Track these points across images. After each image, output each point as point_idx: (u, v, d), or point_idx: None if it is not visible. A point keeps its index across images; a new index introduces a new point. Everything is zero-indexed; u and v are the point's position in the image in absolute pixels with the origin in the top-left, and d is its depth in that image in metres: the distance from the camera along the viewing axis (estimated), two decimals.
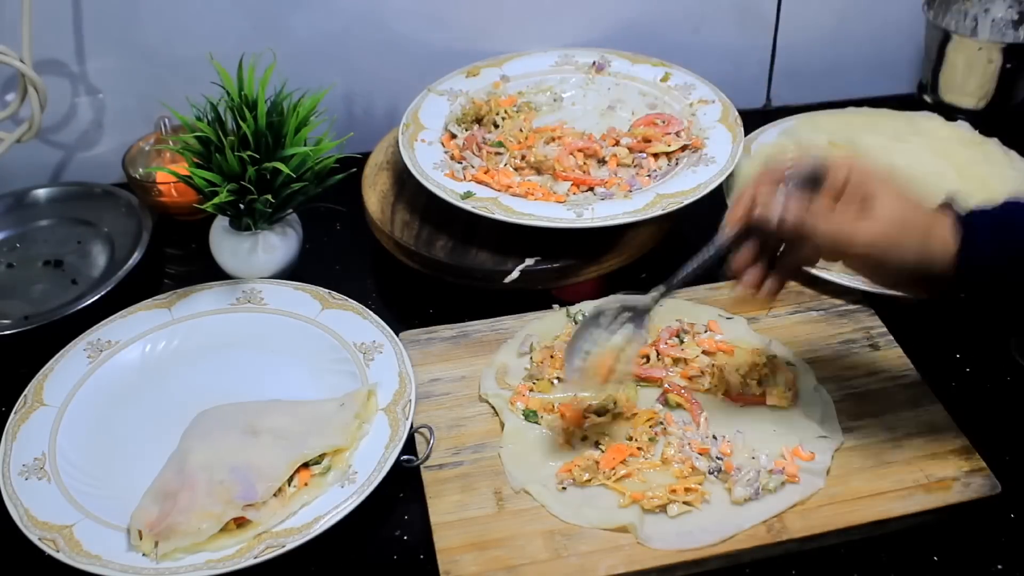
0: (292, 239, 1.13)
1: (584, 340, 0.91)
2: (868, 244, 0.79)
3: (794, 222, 0.81)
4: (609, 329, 0.91)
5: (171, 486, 0.87)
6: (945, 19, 1.41)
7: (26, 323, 1.08)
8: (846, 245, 0.80)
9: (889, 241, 0.79)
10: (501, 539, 0.85)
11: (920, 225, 0.80)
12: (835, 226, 0.80)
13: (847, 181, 0.82)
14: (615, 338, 0.90)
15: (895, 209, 0.80)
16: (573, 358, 0.90)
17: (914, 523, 0.87)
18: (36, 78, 1.17)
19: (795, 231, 0.81)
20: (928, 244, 0.80)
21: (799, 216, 0.81)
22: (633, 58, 1.32)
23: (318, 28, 1.29)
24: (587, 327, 0.91)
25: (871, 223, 0.80)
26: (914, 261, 0.80)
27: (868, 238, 0.79)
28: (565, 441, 0.92)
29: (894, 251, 0.80)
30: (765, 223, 0.82)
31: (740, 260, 0.85)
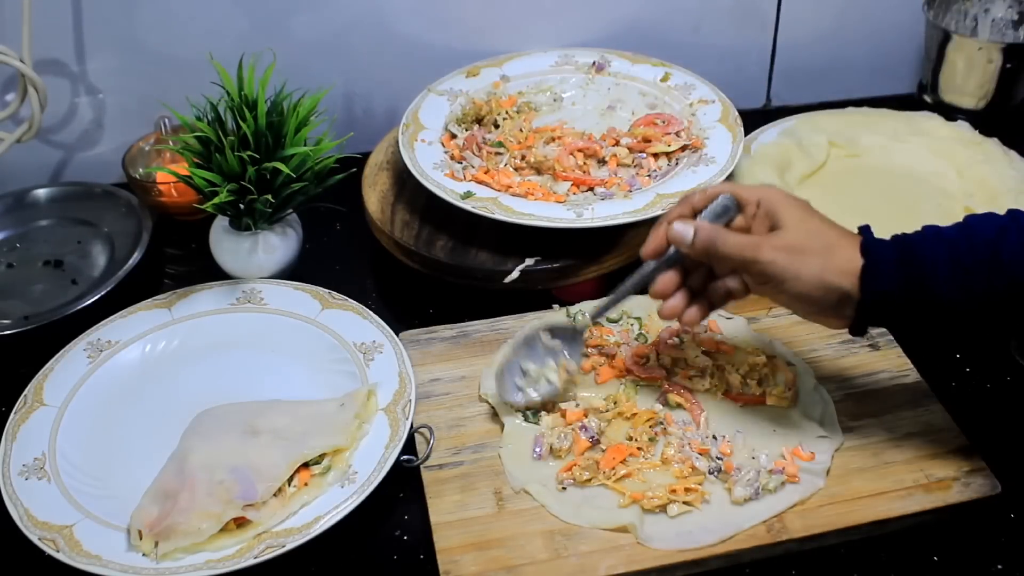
0: (292, 239, 1.13)
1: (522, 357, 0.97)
2: (770, 259, 0.82)
3: (703, 241, 0.85)
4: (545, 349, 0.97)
5: (171, 486, 0.87)
6: (945, 19, 1.41)
7: (26, 323, 1.08)
8: (751, 261, 0.83)
9: (790, 255, 0.82)
10: (501, 539, 0.85)
11: (822, 243, 0.83)
12: (741, 242, 0.84)
13: (758, 207, 0.86)
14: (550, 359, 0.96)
15: (799, 227, 0.84)
16: (514, 376, 0.96)
17: (914, 523, 0.87)
18: (36, 78, 1.17)
19: (705, 250, 0.85)
20: (829, 262, 0.82)
21: (709, 236, 0.85)
22: (633, 58, 1.32)
23: (318, 28, 1.29)
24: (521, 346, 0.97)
25: (774, 238, 0.83)
26: (813, 278, 0.82)
27: (770, 252, 0.82)
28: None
29: (795, 265, 0.82)
30: (678, 244, 0.86)
31: (659, 287, 0.88)
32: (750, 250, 0.83)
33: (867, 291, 0.81)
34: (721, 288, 0.88)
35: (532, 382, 0.96)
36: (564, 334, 0.97)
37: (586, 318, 0.95)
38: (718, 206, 0.87)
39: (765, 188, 0.87)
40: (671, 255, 0.88)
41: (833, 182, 1.27)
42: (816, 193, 1.25)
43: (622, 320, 1.05)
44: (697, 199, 0.88)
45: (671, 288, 0.88)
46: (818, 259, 0.82)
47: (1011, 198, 1.18)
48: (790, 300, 0.85)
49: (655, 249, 0.88)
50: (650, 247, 0.88)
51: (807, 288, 0.82)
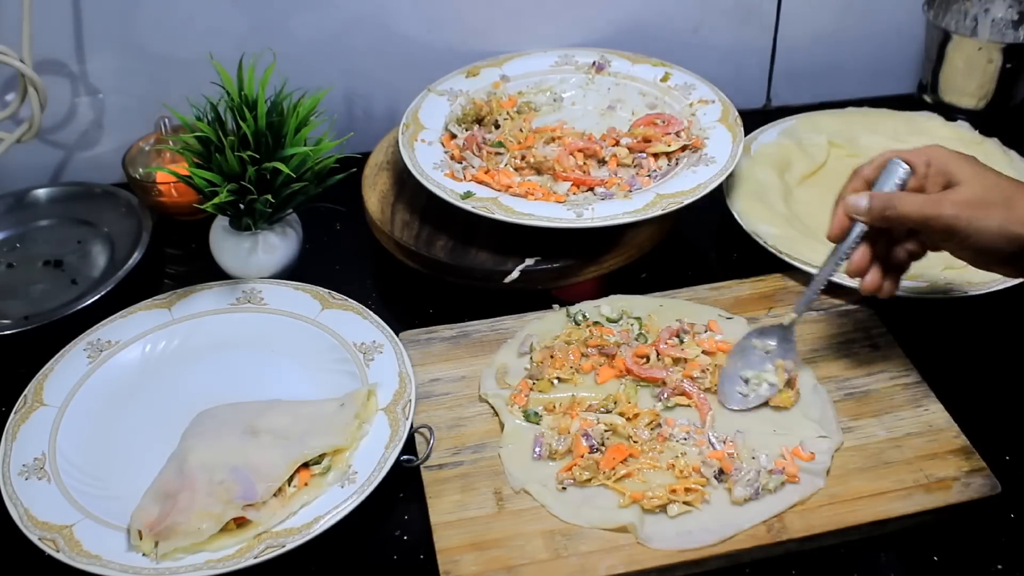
0: (292, 239, 1.13)
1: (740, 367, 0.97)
2: (953, 214, 0.84)
3: (880, 206, 0.87)
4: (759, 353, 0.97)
5: (171, 486, 0.87)
6: (945, 19, 1.41)
7: (26, 323, 1.08)
8: (934, 217, 0.84)
9: (973, 208, 0.84)
10: (501, 539, 0.85)
11: (1002, 193, 0.85)
12: (920, 201, 0.86)
13: (928, 167, 0.88)
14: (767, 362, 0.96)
15: (976, 180, 0.85)
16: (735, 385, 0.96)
17: (914, 523, 0.87)
18: (36, 78, 1.17)
19: (883, 215, 0.87)
20: (1012, 211, 0.83)
21: (885, 200, 0.87)
22: (633, 58, 1.32)
23: (318, 28, 1.29)
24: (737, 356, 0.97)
25: (954, 193, 0.85)
26: (997, 229, 0.83)
27: (952, 207, 0.84)
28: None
29: (979, 218, 0.83)
30: (855, 215, 0.88)
31: (855, 264, 0.90)
32: (931, 207, 0.85)
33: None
34: (901, 252, 0.90)
35: (754, 387, 0.96)
36: (774, 334, 0.97)
37: (791, 315, 0.96)
38: (889, 172, 0.89)
39: (932, 148, 0.89)
40: (857, 233, 0.89)
41: (833, 182, 1.25)
42: (816, 193, 1.25)
43: (622, 320, 1.05)
44: (867, 170, 0.91)
45: (866, 264, 0.90)
46: (1000, 211, 0.84)
47: None
48: (973, 254, 0.86)
49: (839, 228, 0.90)
50: (834, 229, 0.91)
51: (992, 240, 0.84)
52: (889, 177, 0.89)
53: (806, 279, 1.08)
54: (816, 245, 1.09)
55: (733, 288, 1.09)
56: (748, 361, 0.97)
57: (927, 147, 0.90)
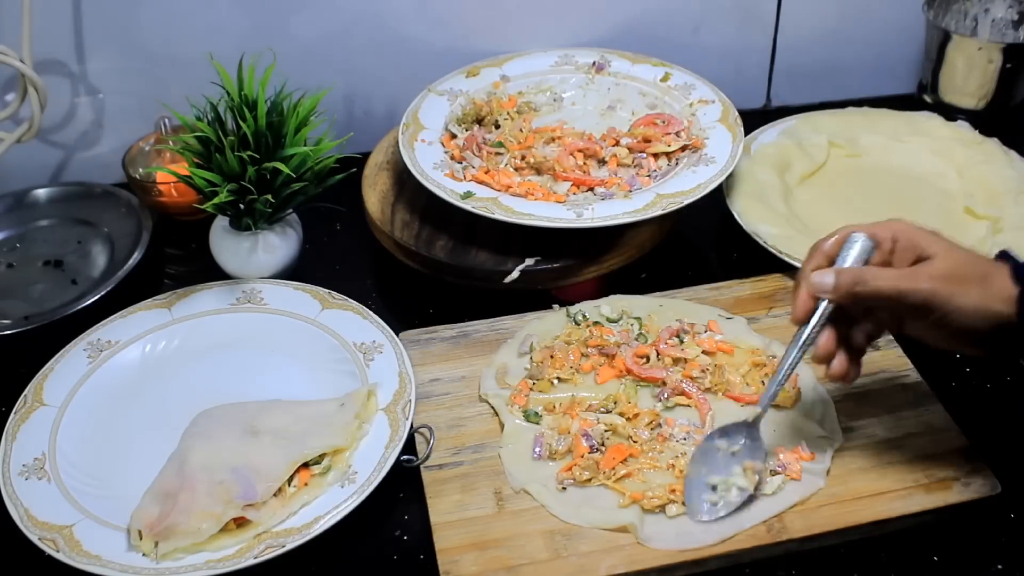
0: (292, 239, 1.13)
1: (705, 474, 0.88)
2: (931, 288, 0.78)
3: (848, 282, 0.80)
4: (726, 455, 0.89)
5: (171, 486, 0.87)
6: (945, 19, 1.41)
7: (26, 323, 1.08)
8: (911, 291, 0.79)
9: (951, 283, 0.78)
10: (501, 539, 0.85)
11: (978, 270, 0.80)
12: (895, 275, 0.80)
13: (895, 243, 0.82)
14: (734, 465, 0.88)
15: (950, 255, 0.80)
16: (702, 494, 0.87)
17: (914, 523, 0.87)
18: (36, 78, 1.17)
19: (851, 291, 0.80)
20: (988, 290, 0.79)
21: (855, 275, 0.80)
22: (633, 58, 1.32)
23: (318, 28, 1.29)
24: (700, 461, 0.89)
25: (931, 266, 0.80)
26: (975, 306, 0.78)
27: (929, 281, 0.78)
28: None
29: (957, 294, 0.78)
30: (820, 293, 0.82)
31: (822, 349, 0.83)
32: (907, 281, 0.79)
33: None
34: (859, 335, 0.84)
35: (723, 494, 0.87)
36: (740, 433, 0.89)
37: (757, 410, 0.88)
38: (851, 246, 0.83)
39: (896, 222, 0.84)
40: (821, 313, 0.82)
41: (833, 182, 1.27)
42: (816, 193, 1.25)
43: (622, 320, 1.05)
44: (828, 245, 0.84)
45: (833, 348, 0.83)
46: (977, 287, 0.79)
47: (1011, 198, 1.18)
48: (945, 333, 0.81)
49: (804, 310, 0.83)
50: (799, 310, 0.83)
51: (969, 317, 0.78)
52: (851, 252, 0.82)
53: None
54: None
55: (733, 288, 1.09)
56: (713, 466, 0.88)
57: (890, 221, 0.84)
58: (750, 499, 0.87)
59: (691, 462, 0.89)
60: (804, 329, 0.83)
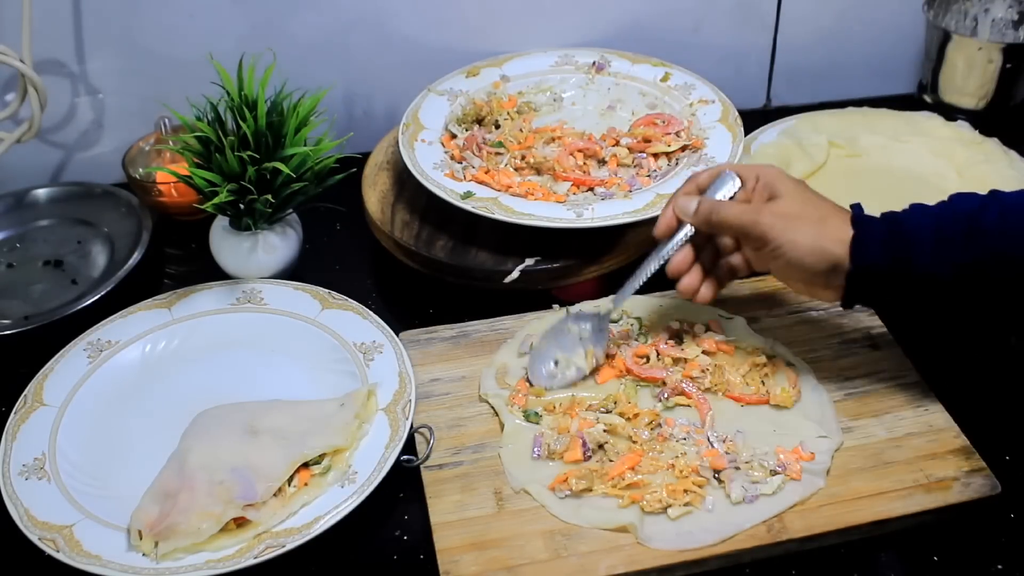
0: (292, 239, 1.13)
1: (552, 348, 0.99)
2: (769, 222, 0.87)
3: (705, 211, 0.91)
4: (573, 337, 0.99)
5: (171, 486, 0.87)
6: (945, 19, 1.41)
7: (26, 323, 1.08)
8: (751, 224, 0.88)
9: (787, 220, 0.87)
10: (501, 539, 0.85)
11: (818, 212, 0.89)
12: (740, 209, 0.90)
13: (756, 182, 0.92)
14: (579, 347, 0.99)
15: (795, 196, 0.90)
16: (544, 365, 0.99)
17: (914, 523, 0.87)
18: (36, 78, 1.17)
19: (708, 220, 0.91)
20: (823, 230, 0.87)
21: (710, 205, 0.91)
22: (633, 58, 1.32)
23: (318, 28, 1.29)
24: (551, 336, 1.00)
25: (774, 204, 0.89)
26: (808, 243, 0.86)
27: (768, 217, 0.88)
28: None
29: (791, 230, 0.87)
30: (682, 216, 0.93)
31: (674, 265, 0.94)
32: (749, 215, 0.89)
33: (856, 261, 0.86)
34: (725, 265, 0.94)
35: (563, 369, 0.98)
36: (590, 320, 1.00)
37: (609, 303, 0.99)
38: (721, 182, 0.94)
39: (765, 166, 0.94)
40: (682, 234, 0.94)
41: (833, 182, 1.27)
42: None
43: (622, 320, 1.05)
44: (702, 177, 0.95)
45: (686, 265, 0.94)
46: (812, 226, 0.87)
47: None
48: (785, 267, 0.89)
49: (666, 227, 0.94)
50: (662, 226, 0.95)
51: (802, 253, 0.87)
52: (721, 186, 0.93)
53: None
54: None
55: (733, 288, 1.09)
56: (561, 343, 0.99)
57: (761, 165, 0.94)
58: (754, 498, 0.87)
59: (541, 337, 1.00)
60: (665, 244, 0.94)
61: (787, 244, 0.87)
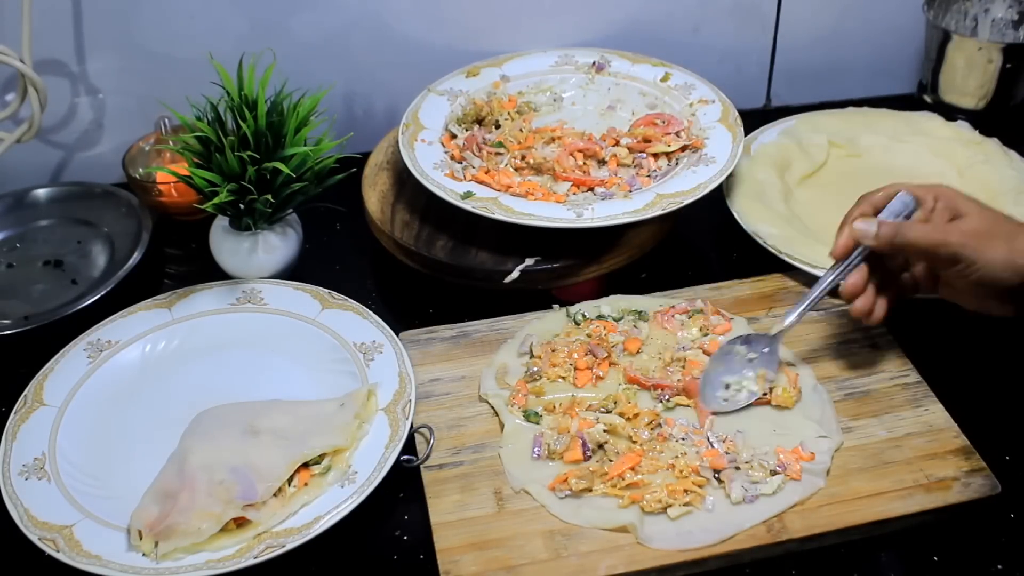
0: (292, 239, 1.13)
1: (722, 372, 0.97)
2: (960, 242, 0.86)
3: (888, 233, 0.89)
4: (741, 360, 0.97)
5: (171, 486, 0.87)
6: (945, 19, 1.41)
7: (26, 323, 1.08)
8: (941, 244, 0.87)
9: (979, 238, 0.86)
10: (501, 539, 0.85)
11: (1006, 227, 0.88)
12: (928, 229, 0.89)
13: (936, 202, 0.91)
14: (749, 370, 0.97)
15: (983, 215, 0.89)
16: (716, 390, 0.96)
17: (914, 523, 0.87)
18: (36, 78, 1.17)
19: (890, 241, 0.89)
20: (1015, 243, 0.86)
21: (894, 227, 0.89)
22: (633, 58, 1.32)
23: (318, 28, 1.29)
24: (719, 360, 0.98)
25: (962, 223, 0.88)
26: (1002, 260, 0.86)
27: (960, 236, 0.87)
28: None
29: (984, 248, 0.86)
30: (862, 240, 0.91)
31: (850, 286, 0.92)
32: (939, 234, 0.88)
33: None
34: (909, 279, 0.95)
35: (734, 393, 0.96)
36: (761, 343, 0.98)
37: (782, 324, 0.96)
38: (897, 203, 0.92)
39: (939, 186, 0.92)
40: (858, 254, 0.93)
41: (833, 182, 1.27)
42: (816, 193, 1.25)
43: (623, 320, 1.05)
44: (877, 197, 0.94)
45: (861, 286, 0.92)
46: (1004, 242, 0.86)
47: (1011, 198, 1.18)
48: (974, 284, 0.88)
49: (843, 249, 0.93)
50: (838, 248, 0.93)
51: (996, 270, 0.86)
52: (896, 206, 0.92)
53: (806, 279, 1.08)
54: (816, 245, 1.09)
55: (733, 288, 1.09)
56: (730, 366, 0.97)
57: (937, 184, 0.93)
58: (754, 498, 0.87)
59: (711, 360, 0.98)
60: (839, 265, 0.94)
61: (981, 262, 0.86)
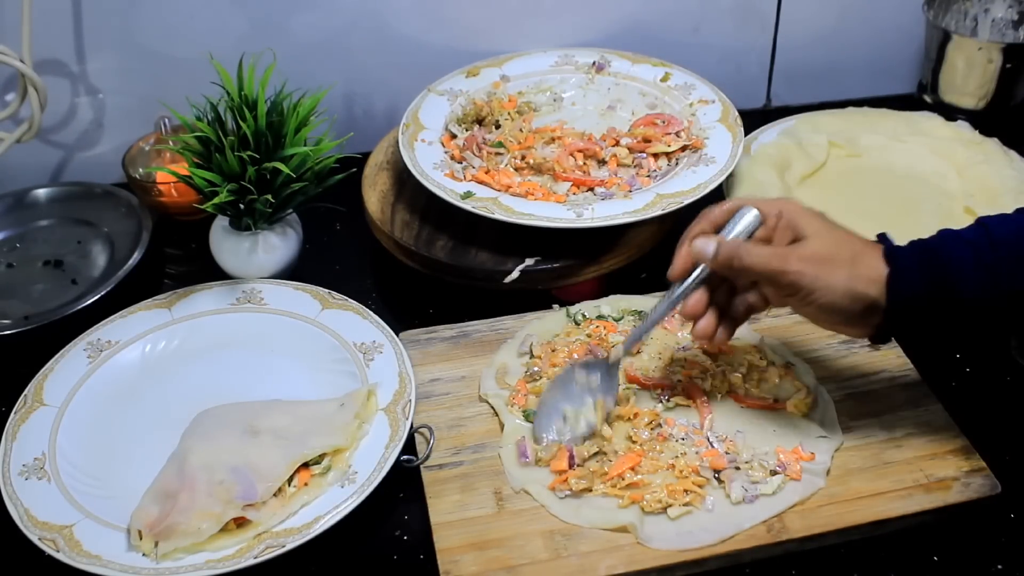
0: (292, 239, 1.13)
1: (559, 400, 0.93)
2: (798, 269, 0.81)
3: (726, 255, 0.84)
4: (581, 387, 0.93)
5: (171, 486, 0.87)
6: (945, 19, 1.41)
7: (26, 323, 1.08)
8: (779, 272, 0.82)
9: (818, 264, 0.82)
10: (501, 539, 0.85)
11: (849, 251, 0.83)
12: (767, 254, 0.83)
13: (778, 219, 0.85)
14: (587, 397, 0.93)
15: (823, 236, 0.83)
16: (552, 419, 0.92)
17: (914, 523, 0.87)
18: (36, 78, 1.17)
19: (729, 264, 0.84)
20: (856, 270, 0.82)
21: (732, 249, 0.84)
22: (633, 58, 1.32)
23: (318, 28, 1.29)
24: (558, 387, 0.93)
25: (802, 246, 0.83)
26: (842, 287, 0.81)
27: (797, 263, 0.82)
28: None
29: (823, 275, 0.81)
30: (701, 260, 0.85)
31: (689, 307, 0.87)
32: (777, 261, 0.82)
33: (894, 297, 0.81)
34: (742, 304, 0.88)
35: (572, 423, 0.92)
36: (599, 369, 0.93)
37: (619, 351, 0.92)
38: (739, 218, 0.86)
39: (784, 201, 0.87)
40: (697, 275, 0.86)
41: (833, 182, 1.27)
42: (816, 193, 1.25)
43: (623, 320, 1.05)
44: (716, 214, 0.88)
45: (701, 308, 0.87)
46: (845, 268, 0.82)
47: (1011, 198, 1.18)
48: (816, 311, 0.83)
49: (681, 269, 0.87)
50: (676, 268, 0.87)
51: (835, 297, 0.81)
52: (738, 224, 0.86)
53: None
54: None
55: None
56: (568, 394, 0.93)
57: (780, 199, 0.87)
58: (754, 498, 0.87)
59: (548, 387, 0.93)
60: (678, 286, 0.87)
61: (820, 291, 0.81)
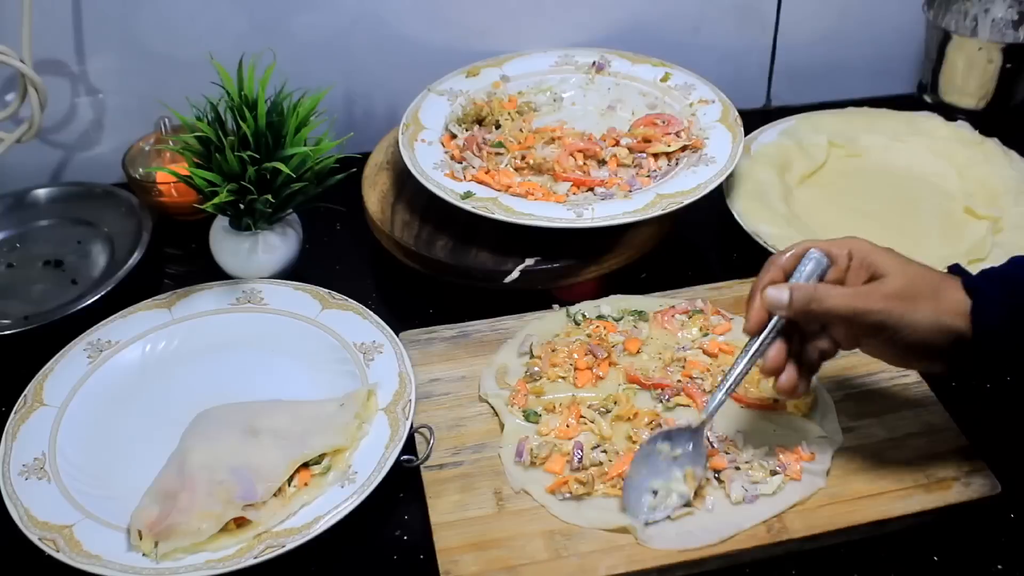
0: (292, 239, 1.13)
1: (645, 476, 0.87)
2: (883, 308, 0.79)
3: (802, 300, 0.80)
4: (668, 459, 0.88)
5: (171, 486, 0.87)
6: (945, 19, 1.41)
7: (26, 323, 1.08)
8: (863, 311, 0.79)
9: (903, 301, 0.79)
10: (501, 539, 0.85)
11: (930, 285, 0.80)
12: (849, 294, 0.80)
13: (850, 259, 0.82)
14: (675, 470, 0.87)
15: (902, 272, 0.80)
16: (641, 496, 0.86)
17: (914, 523, 0.87)
18: (36, 78, 1.17)
19: (806, 309, 0.80)
20: (940, 304, 0.79)
21: (808, 294, 0.80)
22: (633, 58, 1.32)
23: (318, 28, 1.29)
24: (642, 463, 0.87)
25: (883, 284, 0.80)
26: (929, 323, 0.79)
27: (882, 300, 0.79)
28: None
29: (909, 312, 0.79)
30: (775, 309, 0.82)
31: (770, 362, 0.83)
32: (860, 301, 0.79)
33: (979, 329, 0.78)
34: (814, 351, 0.84)
35: (663, 499, 0.86)
36: (683, 439, 0.88)
37: (702, 417, 0.87)
38: (806, 263, 0.83)
39: (852, 239, 0.84)
40: (773, 326, 0.83)
41: (833, 182, 1.27)
42: (816, 193, 1.25)
43: (623, 320, 1.05)
44: (785, 260, 0.84)
45: (782, 362, 0.83)
46: (929, 303, 0.79)
47: (1011, 198, 1.18)
48: (902, 349, 0.81)
49: (756, 322, 0.83)
50: (751, 321, 0.84)
51: (923, 334, 0.79)
52: (807, 268, 0.83)
53: None
54: None
55: (733, 288, 1.09)
56: (654, 468, 0.87)
57: (847, 239, 0.84)
58: (754, 498, 0.87)
59: (632, 463, 0.87)
60: (755, 340, 0.84)
61: (906, 328, 0.78)
